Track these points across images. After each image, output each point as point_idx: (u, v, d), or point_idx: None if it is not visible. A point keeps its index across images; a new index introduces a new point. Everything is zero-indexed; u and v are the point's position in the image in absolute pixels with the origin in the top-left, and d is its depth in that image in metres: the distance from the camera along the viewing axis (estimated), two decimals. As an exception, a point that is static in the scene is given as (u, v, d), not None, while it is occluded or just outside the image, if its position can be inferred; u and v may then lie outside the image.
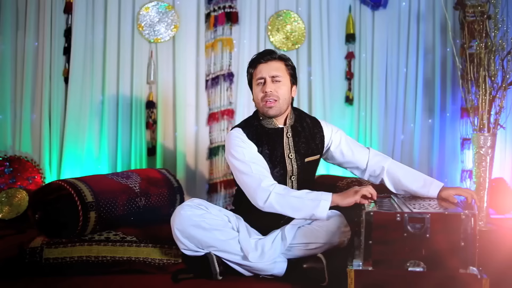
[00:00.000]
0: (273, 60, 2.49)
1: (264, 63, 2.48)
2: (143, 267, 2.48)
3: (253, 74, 2.53)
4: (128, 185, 2.85)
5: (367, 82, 4.45)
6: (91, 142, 4.04)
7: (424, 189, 2.43)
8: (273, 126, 2.53)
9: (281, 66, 2.50)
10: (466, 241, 1.88)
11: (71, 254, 2.46)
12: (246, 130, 2.51)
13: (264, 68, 2.47)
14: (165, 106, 4.16)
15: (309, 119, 2.65)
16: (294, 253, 2.34)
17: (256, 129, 2.52)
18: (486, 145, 3.74)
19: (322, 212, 2.24)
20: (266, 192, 2.30)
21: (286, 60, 2.54)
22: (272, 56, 2.50)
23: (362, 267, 1.93)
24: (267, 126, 2.53)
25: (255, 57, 2.54)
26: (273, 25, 4.27)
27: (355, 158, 2.61)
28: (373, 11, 4.43)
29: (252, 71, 2.53)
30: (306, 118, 2.65)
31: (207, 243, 2.31)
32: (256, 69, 2.50)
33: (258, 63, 2.50)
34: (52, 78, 3.98)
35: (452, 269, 1.89)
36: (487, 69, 3.73)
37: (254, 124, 2.55)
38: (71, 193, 2.53)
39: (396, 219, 1.92)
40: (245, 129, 2.51)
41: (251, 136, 2.49)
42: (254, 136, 2.49)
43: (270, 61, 2.49)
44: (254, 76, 2.52)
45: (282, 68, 2.50)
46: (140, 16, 4.08)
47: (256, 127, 2.53)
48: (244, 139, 2.47)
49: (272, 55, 2.51)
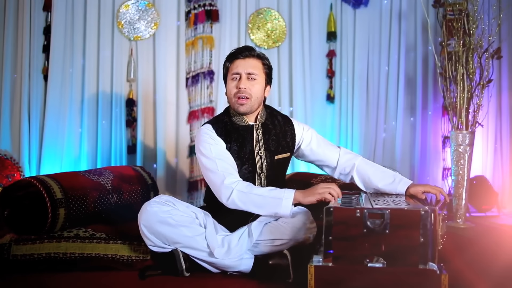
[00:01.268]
0: (251, 57, 2.49)
1: (241, 59, 2.48)
2: (111, 263, 2.47)
3: (229, 68, 2.52)
4: (99, 182, 2.84)
5: (348, 80, 4.46)
6: (71, 140, 4.02)
7: (393, 185, 2.45)
8: (244, 123, 2.53)
9: (258, 65, 2.50)
10: (425, 237, 1.88)
11: (39, 251, 2.45)
12: (215, 126, 2.51)
13: (241, 64, 2.47)
14: (145, 104, 4.15)
15: (280, 117, 2.65)
16: (261, 250, 2.33)
17: (226, 125, 2.52)
18: (465, 143, 3.75)
19: (285, 210, 2.25)
20: (228, 190, 2.30)
21: (263, 59, 2.54)
22: (251, 53, 2.50)
23: (322, 263, 1.93)
24: (237, 123, 2.53)
25: (233, 52, 2.53)
26: (253, 23, 4.27)
27: (326, 157, 2.63)
28: (355, 9, 4.45)
29: (229, 65, 2.52)
30: (278, 116, 2.66)
31: (173, 239, 2.31)
32: (233, 64, 2.50)
33: (236, 58, 2.49)
34: (31, 76, 3.96)
35: (412, 265, 1.89)
36: (465, 67, 3.74)
37: (224, 120, 2.54)
38: (40, 189, 2.52)
39: (356, 215, 1.92)
40: (215, 126, 2.51)
41: (220, 133, 2.49)
42: (223, 133, 2.49)
43: (248, 57, 2.49)
44: (230, 70, 2.51)
45: (258, 67, 2.50)
46: (120, 13, 4.07)
47: (226, 123, 2.53)
48: (213, 135, 2.47)
49: (250, 52, 2.50)
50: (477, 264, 2.54)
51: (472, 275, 2.34)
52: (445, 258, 2.33)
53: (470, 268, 2.42)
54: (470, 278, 2.27)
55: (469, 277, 2.29)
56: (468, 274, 2.33)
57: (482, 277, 2.32)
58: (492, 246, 3.14)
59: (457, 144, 3.76)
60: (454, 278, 2.03)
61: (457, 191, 3.79)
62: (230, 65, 2.52)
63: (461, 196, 3.77)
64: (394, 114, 4.49)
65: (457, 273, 2.25)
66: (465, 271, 2.33)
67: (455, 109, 3.79)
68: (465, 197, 3.78)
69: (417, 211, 1.90)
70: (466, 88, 3.75)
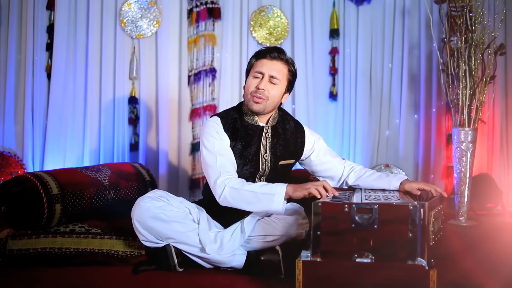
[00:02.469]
0: (278, 60, 2.42)
1: (269, 59, 2.41)
2: (106, 259, 2.49)
3: (253, 65, 2.45)
4: (97, 178, 2.86)
5: (351, 78, 4.43)
6: (74, 137, 4.06)
7: (387, 180, 2.43)
8: (254, 123, 2.49)
9: (283, 69, 2.44)
10: (414, 232, 1.86)
11: (34, 245, 2.48)
12: (224, 120, 2.47)
13: (266, 64, 2.41)
14: (147, 101, 4.17)
15: (293, 123, 2.62)
16: (253, 246, 2.33)
17: (235, 122, 2.48)
18: (467, 140, 3.72)
19: (277, 207, 2.22)
20: (221, 186, 2.29)
21: (290, 65, 2.46)
22: (280, 55, 2.43)
23: (311, 258, 1.92)
24: (247, 121, 2.48)
25: (263, 50, 2.45)
26: (255, 21, 4.27)
27: (333, 168, 2.61)
28: (357, 6, 4.42)
29: (254, 61, 2.45)
30: (290, 121, 2.62)
31: (166, 234, 2.31)
32: (259, 62, 2.43)
33: (263, 57, 2.42)
34: (34, 74, 4.01)
35: (400, 260, 1.87)
36: (467, 63, 3.70)
37: (234, 116, 2.50)
38: (36, 185, 2.55)
39: (344, 209, 1.91)
40: (223, 120, 2.47)
41: (227, 128, 2.45)
42: (230, 129, 2.45)
43: (276, 60, 2.42)
44: (254, 67, 2.44)
45: (283, 72, 2.44)
46: (122, 12, 4.10)
47: (235, 120, 2.48)
48: (219, 129, 2.44)
49: (280, 55, 2.43)
50: (464, 261, 2.56)
51: (460, 272, 2.35)
52: (440, 255, 2.35)
53: (457, 265, 2.43)
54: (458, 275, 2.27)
55: (457, 273, 2.29)
56: (457, 271, 2.33)
57: (470, 275, 2.33)
58: (492, 244, 3.12)
59: (460, 142, 3.73)
60: (446, 276, 2.03)
61: (460, 189, 3.75)
62: (255, 62, 2.45)
63: (463, 194, 3.73)
64: (397, 112, 4.46)
65: (447, 270, 2.24)
66: (453, 268, 2.32)
67: (458, 106, 3.75)
68: (468, 195, 3.74)
69: (405, 206, 1.88)
70: (468, 85, 3.71)
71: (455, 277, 2.22)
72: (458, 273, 2.31)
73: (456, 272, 2.31)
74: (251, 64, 2.48)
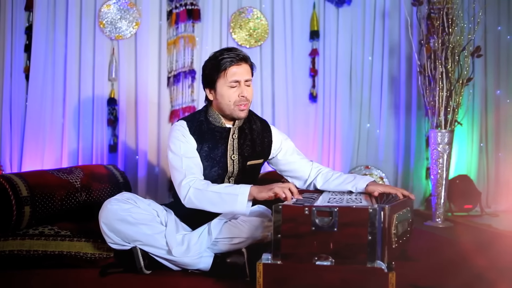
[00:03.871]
0: (243, 62, 2.43)
1: (236, 66, 2.41)
2: (74, 261, 2.49)
3: (223, 74, 2.41)
4: (68, 180, 2.86)
5: (331, 79, 4.45)
6: (52, 139, 4.03)
7: (353, 182, 2.44)
8: (220, 125, 2.50)
9: (249, 68, 2.47)
10: (373, 235, 1.87)
11: (2, 248, 2.47)
12: (190, 124, 2.48)
13: (238, 71, 2.41)
14: (127, 103, 4.16)
15: (259, 122, 2.63)
16: (220, 248, 2.33)
17: (201, 125, 2.49)
18: (444, 142, 3.74)
19: (241, 207, 2.22)
20: (186, 188, 2.29)
21: (249, 60, 2.49)
22: (246, 60, 2.45)
23: (271, 261, 1.93)
24: (214, 124, 2.50)
25: (227, 58, 2.40)
26: (235, 22, 4.28)
27: (299, 169, 2.63)
28: (338, 7, 4.43)
29: (223, 71, 2.40)
30: (257, 120, 2.63)
31: (132, 237, 2.31)
32: (229, 71, 2.39)
33: (231, 65, 2.40)
34: (12, 75, 3.98)
35: (360, 263, 1.88)
36: (444, 65, 3.72)
37: (200, 119, 2.51)
38: (5, 187, 2.54)
39: (305, 212, 1.92)
40: (189, 123, 2.48)
41: (193, 131, 2.46)
42: (197, 132, 2.47)
43: (241, 62, 2.42)
44: (225, 77, 2.40)
45: (249, 70, 2.48)
46: (101, 13, 4.09)
47: (201, 123, 2.50)
48: (185, 133, 2.45)
49: (246, 59, 2.45)
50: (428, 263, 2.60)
51: (422, 273, 2.37)
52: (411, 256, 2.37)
53: (419, 267, 2.46)
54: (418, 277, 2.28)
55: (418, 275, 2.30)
56: (418, 273, 2.34)
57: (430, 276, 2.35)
58: (462, 245, 3.14)
59: (436, 143, 3.75)
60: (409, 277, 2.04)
61: (437, 190, 3.77)
62: (225, 72, 2.40)
63: (440, 195, 3.75)
64: (377, 113, 4.48)
65: (408, 272, 2.26)
66: (414, 270, 2.34)
67: (435, 108, 3.77)
68: (445, 196, 3.76)
69: (365, 209, 1.89)
70: (445, 87, 3.73)
71: (416, 279, 2.24)
72: (419, 275, 2.32)
73: (417, 274, 2.33)
74: (218, 73, 2.41)
